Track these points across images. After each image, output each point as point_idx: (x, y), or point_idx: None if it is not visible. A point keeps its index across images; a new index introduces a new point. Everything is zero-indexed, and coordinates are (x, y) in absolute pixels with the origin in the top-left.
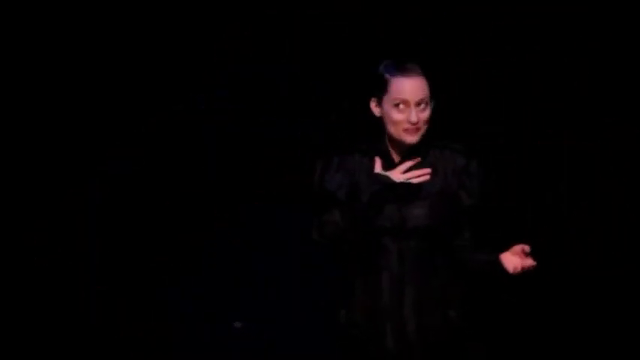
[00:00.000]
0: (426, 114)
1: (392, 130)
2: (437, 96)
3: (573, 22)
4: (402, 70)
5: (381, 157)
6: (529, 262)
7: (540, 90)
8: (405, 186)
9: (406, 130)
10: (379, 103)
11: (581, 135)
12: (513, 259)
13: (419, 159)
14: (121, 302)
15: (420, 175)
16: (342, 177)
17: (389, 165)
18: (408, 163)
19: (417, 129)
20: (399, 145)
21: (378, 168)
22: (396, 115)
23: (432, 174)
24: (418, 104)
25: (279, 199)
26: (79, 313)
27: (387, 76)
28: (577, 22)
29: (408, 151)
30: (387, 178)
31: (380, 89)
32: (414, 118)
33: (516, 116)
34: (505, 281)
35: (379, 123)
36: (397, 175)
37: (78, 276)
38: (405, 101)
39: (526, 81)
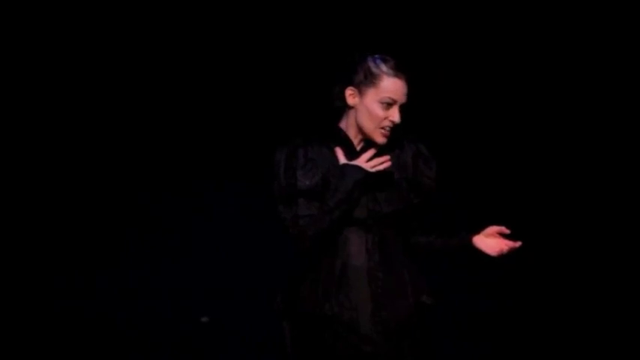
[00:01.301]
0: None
1: (366, 124)
2: (436, 96)
3: (573, 22)
4: (395, 69)
5: (342, 146)
6: (511, 243)
7: (540, 90)
8: (375, 175)
9: (382, 129)
10: (359, 94)
11: (581, 135)
12: (492, 242)
13: (378, 147)
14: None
15: (383, 162)
16: (312, 169)
17: (350, 154)
18: (370, 152)
19: (392, 129)
20: (359, 134)
21: (342, 158)
22: (379, 112)
23: (391, 160)
24: (401, 105)
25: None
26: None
27: (378, 71)
28: (577, 21)
29: (366, 140)
30: (359, 168)
31: (366, 81)
32: (398, 119)
33: (516, 116)
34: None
35: (334, 111)
36: (364, 164)
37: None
38: (394, 101)
39: (526, 81)
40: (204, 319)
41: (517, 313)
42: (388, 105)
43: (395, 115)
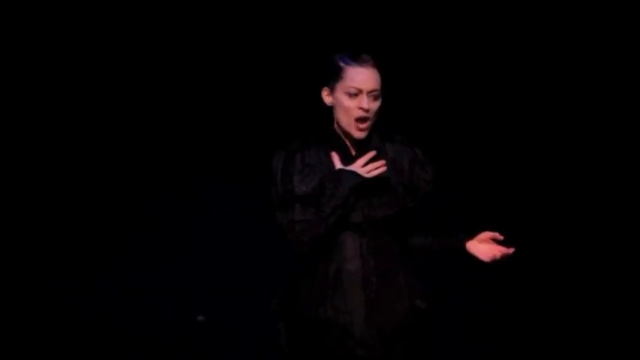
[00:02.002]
0: (376, 105)
1: (342, 119)
2: (435, 96)
3: (572, 22)
4: (357, 59)
5: (337, 150)
6: (504, 249)
7: (539, 91)
8: (371, 180)
9: (356, 121)
10: (331, 92)
11: (579, 136)
12: (485, 248)
13: (374, 152)
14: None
15: (378, 167)
16: (309, 175)
17: (346, 158)
18: (366, 157)
19: (366, 119)
20: (350, 136)
21: (338, 163)
22: (348, 103)
23: (387, 165)
24: (370, 93)
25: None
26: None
27: (342, 64)
28: (576, 22)
29: (362, 143)
30: (355, 174)
31: (334, 77)
32: (365, 105)
33: (515, 117)
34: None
35: (329, 114)
36: (360, 169)
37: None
38: (359, 90)
39: (525, 82)
40: (200, 318)
41: (517, 313)
42: (355, 95)
43: (363, 102)
